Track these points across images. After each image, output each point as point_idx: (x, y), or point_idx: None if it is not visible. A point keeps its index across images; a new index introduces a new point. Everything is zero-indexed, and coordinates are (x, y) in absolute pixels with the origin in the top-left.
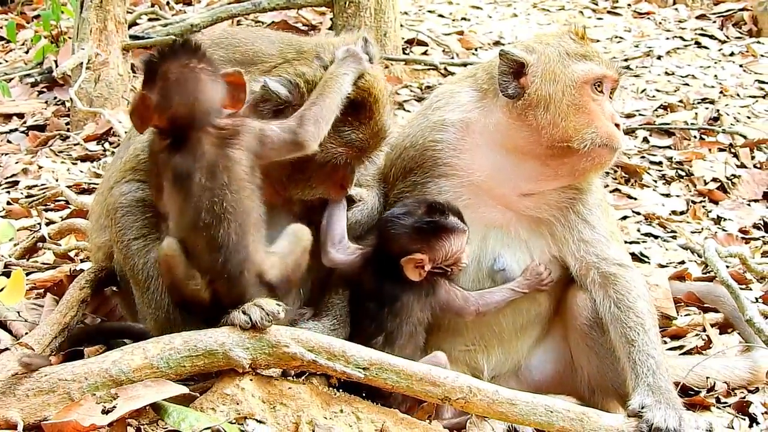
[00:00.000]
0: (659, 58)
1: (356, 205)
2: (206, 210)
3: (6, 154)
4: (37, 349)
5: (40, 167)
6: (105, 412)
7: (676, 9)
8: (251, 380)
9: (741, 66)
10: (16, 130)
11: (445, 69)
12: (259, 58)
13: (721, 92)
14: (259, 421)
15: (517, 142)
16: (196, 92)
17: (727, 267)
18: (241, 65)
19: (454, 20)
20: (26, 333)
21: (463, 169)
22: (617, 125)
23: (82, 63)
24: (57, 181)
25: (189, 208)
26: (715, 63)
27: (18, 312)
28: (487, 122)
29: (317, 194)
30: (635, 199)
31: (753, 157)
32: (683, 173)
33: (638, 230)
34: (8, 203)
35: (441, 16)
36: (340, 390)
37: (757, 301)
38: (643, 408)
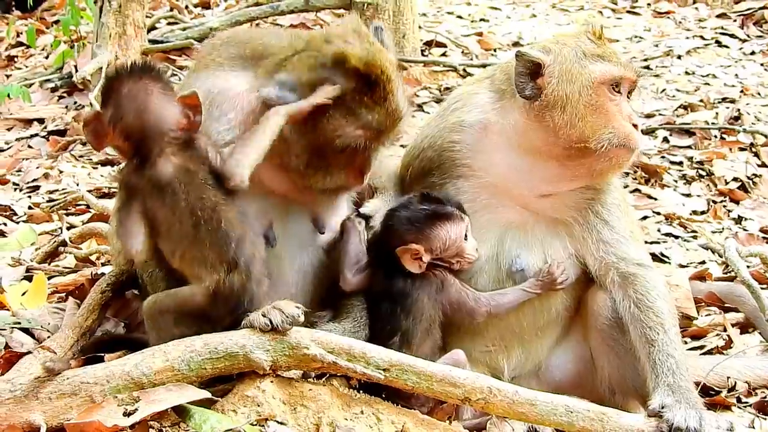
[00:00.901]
0: (679, 57)
1: (375, 214)
2: (200, 209)
3: (27, 159)
4: (59, 353)
5: (60, 172)
6: (127, 414)
7: (696, 8)
8: (272, 382)
9: (762, 65)
10: (36, 135)
11: (464, 70)
12: (269, 52)
13: (741, 91)
14: (280, 423)
15: (534, 143)
16: (148, 111)
17: (748, 267)
18: (251, 60)
19: (472, 21)
20: (48, 337)
21: (481, 170)
22: (635, 125)
23: (101, 68)
24: (78, 185)
25: (184, 213)
26: (736, 62)
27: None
28: (505, 123)
29: (337, 182)
30: (656, 199)
31: None
32: (704, 173)
33: (659, 230)
34: (30, 208)
35: (459, 17)
36: (361, 391)
37: None
38: (663, 408)
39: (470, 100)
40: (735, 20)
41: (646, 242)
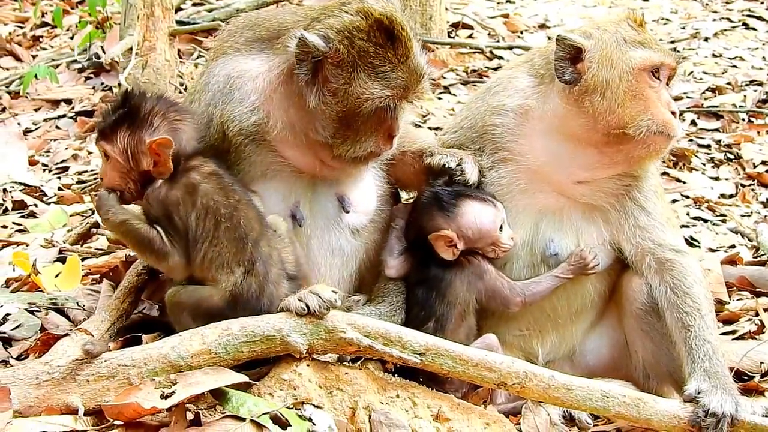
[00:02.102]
0: (706, 39)
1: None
2: (224, 207)
3: (55, 140)
4: (95, 335)
5: (89, 153)
6: (164, 397)
7: None
8: (308, 366)
9: None
10: (64, 116)
11: (491, 52)
12: (284, 27)
13: None
14: (317, 406)
15: (573, 128)
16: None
17: None
18: (268, 41)
19: (499, 3)
20: (84, 319)
21: (521, 154)
22: (674, 113)
23: (131, 48)
24: None
25: (208, 213)
26: (764, 44)
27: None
28: (545, 108)
29: (367, 148)
30: (684, 182)
31: None
32: (732, 156)
33: (687, 214)
34: (60, 189)
35: None
36: (396, 375)
37: None
38: (699, 393)
39: (510, 84)
40: (762, 2)
41: None
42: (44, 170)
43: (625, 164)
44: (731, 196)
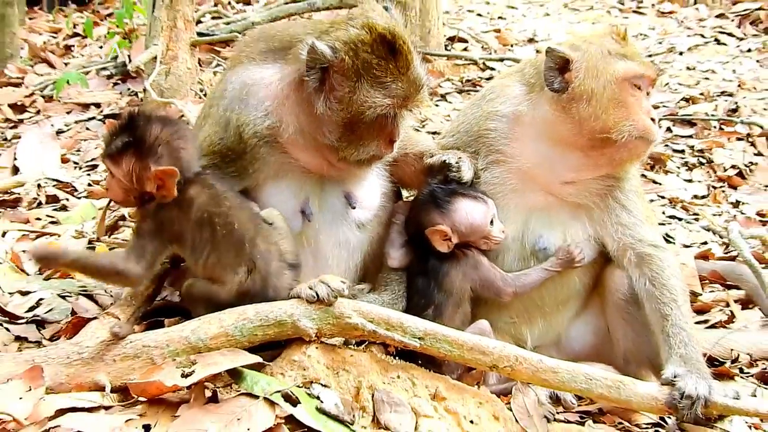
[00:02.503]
0: (681, 54)
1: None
2: (217, 215)
3: (85, 140)
4: (122, 319)
5: None
6: (184, 375)
7: (697, 8)
8: (317, 348)
9: (758, 61)
10: (93, 118)
11: (484, 64)
12: (296, 39)
13: (739, 86)
14: (324, 386)
15: (561, 133)
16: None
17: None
18: (281, 51)
19: (491, 19)
20: (111, 304)
21: (512, 157)
22: (653, 120)
23: (155, 57)
24: None
25: (204, 223)
26: (734, 58)
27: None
28: (535, 114)
29: (369, 152)
30: (660, 184)
31: None
32: (704, 160)
33: (663, 213)
34: (89, 185)
35: (479, 15)
36: (397, 358)
37: None
38: (675, 377)
39: (503, 92)
40: (733, 20)
41: None
42: (75, 167)
43: (608, 166)
44: (703, 197)
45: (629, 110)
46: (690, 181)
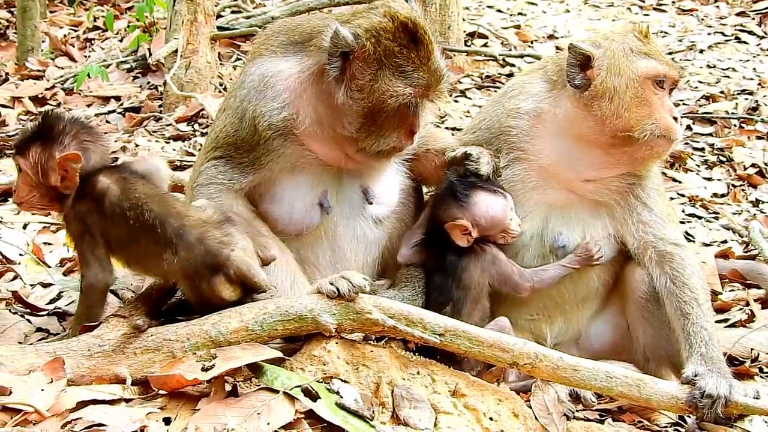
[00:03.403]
0: (701, 51)
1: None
2: (130, 209)
3: (106, 133)
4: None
5: (137, 145)
6: (205, 369)
7: (718, 6)
8: (337, 343)
9: None
10: (113, 111)
11: (504, 60)
12: (316, 31)
13: (759, 84)
14: (344, 381)
15: (582, 131)
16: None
17: None
18: (301, 44)
19: (511, 15)
20: (130, 298)
21: (534, 154)
22: (675, 118)
23: (175, 51)
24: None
25: (121, 218)
26: (754, 57)
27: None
28: (557, 111)
29: (389, 143)
30: (680, 182)
31: None
32: (724, 159)
33: (683, 211)
34: None
35: (499, 11)
36: (417, 354)
37: None
38: (696, 376)
39: (525, 89)
40: (753, 18)
41: None
42: None
43: (629, 165)
44: (723, 196)
45: (651, 108)
46: (710, 179)
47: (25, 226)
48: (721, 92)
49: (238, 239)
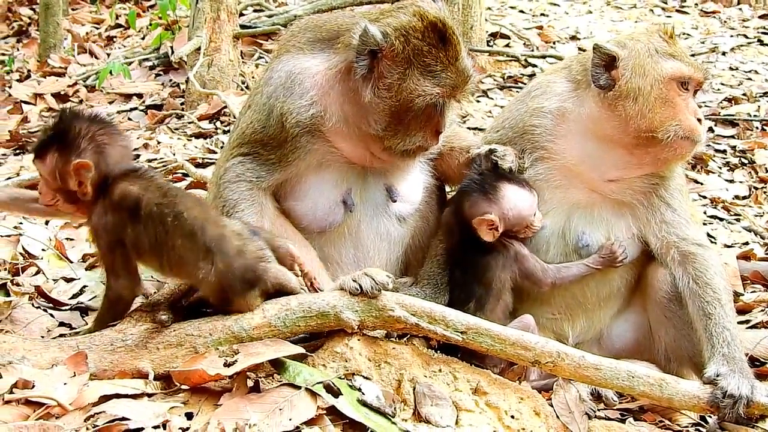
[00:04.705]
0: (724, 54)
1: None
2: (162, 213)
3: (127, 130)
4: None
5: (158, 143)
6: (227, 365)
7: (740, 8)
8: (359, 340)
9: None
10: (135, 108)
11: (526, 60)
12: (343, 29)
13: None
14: (366, 378)
15: (606, 131)
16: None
17: None
18: (328, 41)
19: (534, 16)
20: (154, 292)
21: (557, 153)
22: (699, 120)
23: (198, 49)
24: (174, 155)
25: (155, 223)
26: None
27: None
28: (581, 111)
29: (415, 142)
30: (701, 183)
31: None
32: (746, 161)
33: (704, 213)
34: None
35: (522, 11)
36: (439, 351)
37: None
38: (718, 376)
39: (549, 88)
40: None
41: None
42: None
43: (652, 165)
44: (745, 198)
45: (676, 110)
46: (731, 181)
47: (47, 222)
48: (744, 94)
49: (268, 252)
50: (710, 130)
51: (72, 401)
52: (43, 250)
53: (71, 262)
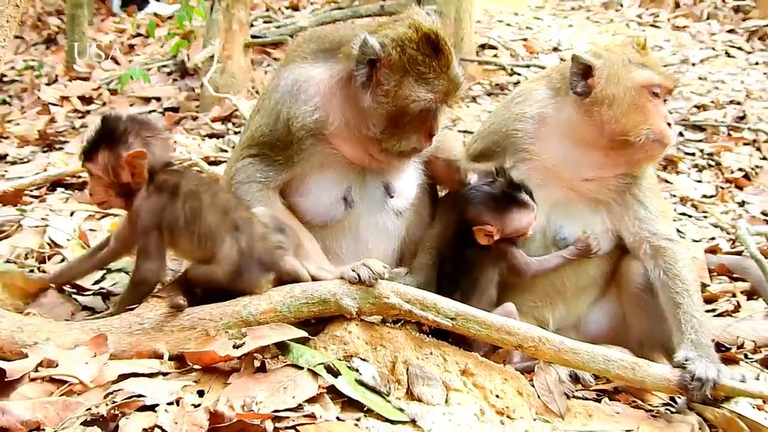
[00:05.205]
0: (694, 65)
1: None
2: (201, 194)
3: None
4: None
5: (175, 142)
6: (236, 347)
7: (709, 23)
8: (357, 325)
9: (764, 73)
10: (154, 111)
11: (512, 69)
12: (345, 40)
13: (746, 95)
14: (363, 359)
15: (583, 134)
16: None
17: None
18: (331, 51)
19: (519, 29)
20: (170, 279)
21: (537, 155)
22: (669, 124)
23: (212, 56)
24: (189, 153)
25: (193, 203)
26: (742, 70)
27: None
28: (560, 116)
29: (410, 145)
30: (672, 183)
31: None
32: (713, 163)
33: (675, 210)
34: None
35: (509, 24)
36: (430, 336)
37: None
38: (687, 360)
39: (531, 95)
40: (742, 35)
41: None
42: None
43: (626, 166)
44: (712, 197)
45: (647, 115)
46: (700, 181)
47: (72, 214)
48: (712, 102)
49: (289, 246)
50: (680, 134)
51: (92, 379)
52: (67, 239)
53: None
